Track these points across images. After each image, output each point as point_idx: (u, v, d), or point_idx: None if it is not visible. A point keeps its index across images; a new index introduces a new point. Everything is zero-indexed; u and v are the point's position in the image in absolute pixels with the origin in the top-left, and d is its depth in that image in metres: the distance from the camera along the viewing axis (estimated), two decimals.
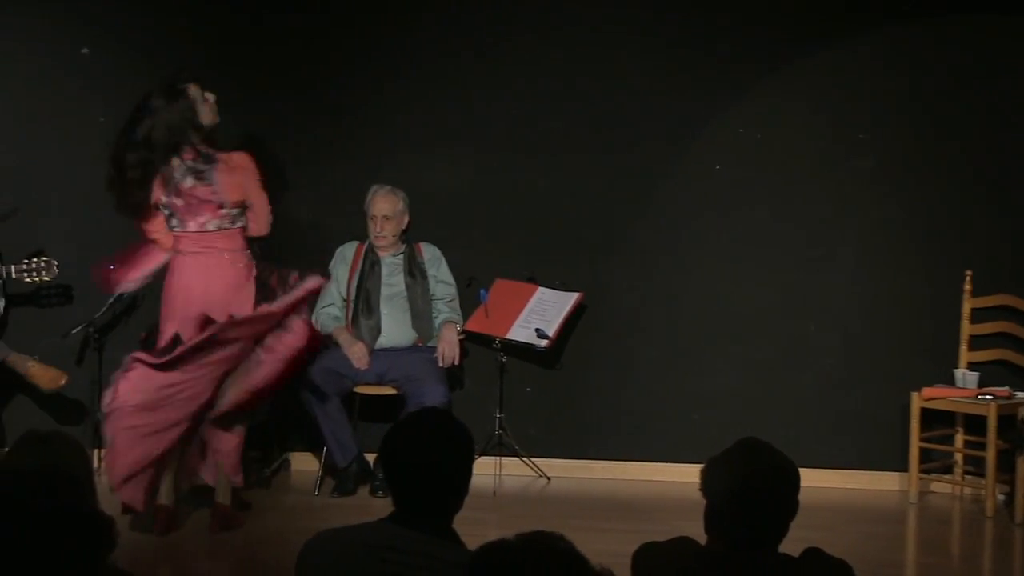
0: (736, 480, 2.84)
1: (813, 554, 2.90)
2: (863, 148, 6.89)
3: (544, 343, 6.70)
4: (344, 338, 6.59)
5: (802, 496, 2.93)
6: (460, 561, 2.60)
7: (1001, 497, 6.50)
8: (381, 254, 6.74)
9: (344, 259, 6.76)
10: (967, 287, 6.73)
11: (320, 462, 6.64)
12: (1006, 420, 6.37)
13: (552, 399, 7.03)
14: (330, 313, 6.71)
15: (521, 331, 6.74)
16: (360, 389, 6.62)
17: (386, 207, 6.70)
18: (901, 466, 6.75)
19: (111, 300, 6.59)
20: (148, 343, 5.70)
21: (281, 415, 6.82)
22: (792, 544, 2.90)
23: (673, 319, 6.98)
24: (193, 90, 5.60)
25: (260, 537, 5.64)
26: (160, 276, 5.79)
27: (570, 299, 6.82)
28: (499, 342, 6.76)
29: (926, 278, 6.88)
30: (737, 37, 6.90)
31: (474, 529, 3.00)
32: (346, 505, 6.29)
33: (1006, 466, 6.39)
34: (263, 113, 6.97)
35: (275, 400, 6.82)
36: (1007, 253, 6.83)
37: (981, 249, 6.82)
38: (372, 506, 6.13)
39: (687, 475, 6.15)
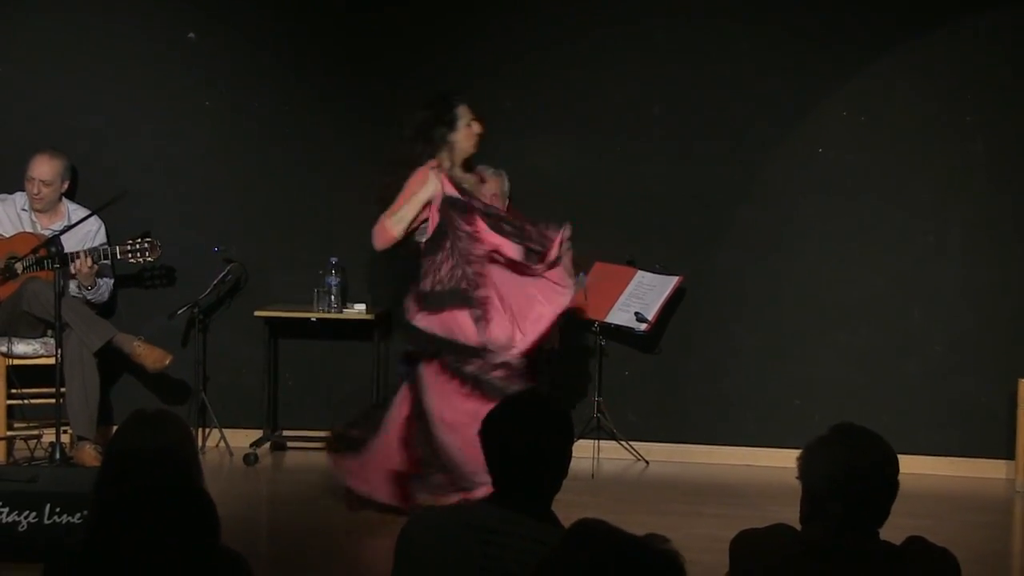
0: (834, 462, 2.82)
1: (916, 542, 2.86)
2: (970, 131, 6.75)
3: (643, 327, 6.68)
4: None
5: (906, 484, 2.89)
6: None
7: None
8: None
9: None
10: None
11: None
12: None
13: (651, 383, 7.01)
14: None
15: (620, 314, 6.72)
16: None
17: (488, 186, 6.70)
18: (1008, 454, 6.64)
19: (215, 281, 6.70)
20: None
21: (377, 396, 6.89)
22: (895, 532, 2.87)
23: (775, 303, 6.91)
24: (462, 110, 5.75)
25: (360, 516, 5.69)
26: None
27: (670, 283, 6.78)
28: (598, 325, 6.75)
29: None
30: (841, 19, 6.80)
31: (573, 512, 2.99)
32: None
33: None
34: (365, 99, 7.03)
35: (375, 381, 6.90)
36: None
37: None
38: None
39: (788, 461, 6.07)
